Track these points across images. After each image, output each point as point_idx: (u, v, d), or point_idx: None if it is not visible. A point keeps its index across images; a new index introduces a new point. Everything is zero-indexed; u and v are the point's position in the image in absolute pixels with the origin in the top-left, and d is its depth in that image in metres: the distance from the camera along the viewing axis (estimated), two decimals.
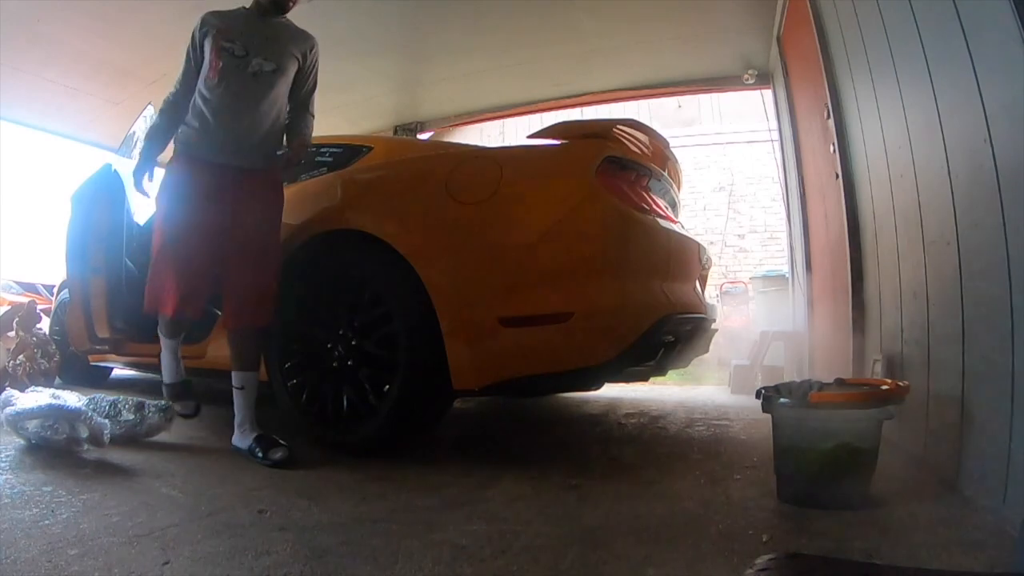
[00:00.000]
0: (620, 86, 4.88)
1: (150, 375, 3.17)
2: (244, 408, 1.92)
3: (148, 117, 2.71)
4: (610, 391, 3.44)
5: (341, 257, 2.01)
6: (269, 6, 1.94)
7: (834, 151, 2.57)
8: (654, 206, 2.14)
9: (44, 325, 3.65)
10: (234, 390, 1.93)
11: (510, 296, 1.80)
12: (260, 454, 1.81)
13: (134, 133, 2.95)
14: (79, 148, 5.61)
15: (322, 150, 2.46)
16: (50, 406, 1.84)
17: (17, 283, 5.75)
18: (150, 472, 1.69)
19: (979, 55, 1.30)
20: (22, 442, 1.89)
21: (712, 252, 2.92)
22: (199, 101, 1.89)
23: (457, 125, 5.88)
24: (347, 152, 2.35)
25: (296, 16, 2.01)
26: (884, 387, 1.51)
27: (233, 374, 1.94)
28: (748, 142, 7.86)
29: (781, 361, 3.89)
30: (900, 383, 1.52)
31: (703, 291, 2.53)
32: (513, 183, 1.88)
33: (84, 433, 1.78)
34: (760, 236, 8.23)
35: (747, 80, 4.39)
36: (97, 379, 3.64)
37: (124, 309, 2.65)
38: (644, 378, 2.40)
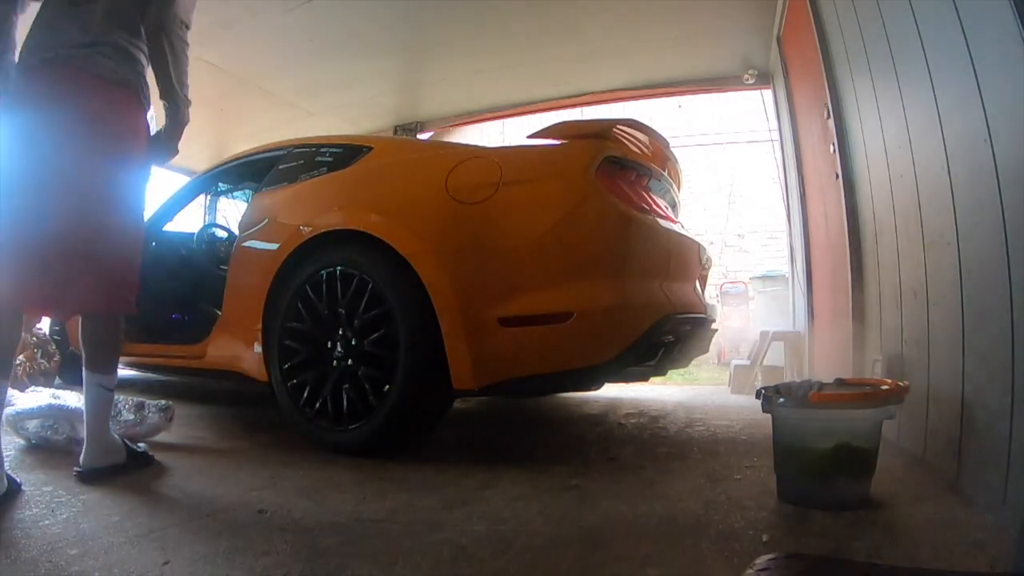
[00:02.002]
0: (620, 86, 4.88)
1: (150, 375, 3.18)
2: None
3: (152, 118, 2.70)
4: (610, 391, 3.44)
5: (341, 257, 2.01)
6: None
7: (834, 151, 2.57)
8: (654, 206, 2.15)
9: (44, 325, 3.65)
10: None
11: (510, 296, 1.80)
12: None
13: None
14: None
15: (322, 150, 2.46)
16: (50, 406, 1.85)
17: None
18: (150, 472, 1.69)
19: (979, 55, 1.30)
20: (22, 442, 1.89)
21: (712, 252, 2.92)
22: None
23: (457, 125, 5.88)
24: (347, 152, 2.35)
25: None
26: (884, 387, 1.51)
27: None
28: (748, 142, 7.87)
29: (781, 361, 3.90)
30: (900, 383, 1.52)
31: (703, 291, 2.53)
32: (513, 183, 1.88)
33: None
34: (760, 236, 8.24)
35: (747, 80, 4.40)
36: None
37: None
38: (644, 378, 2.40)
